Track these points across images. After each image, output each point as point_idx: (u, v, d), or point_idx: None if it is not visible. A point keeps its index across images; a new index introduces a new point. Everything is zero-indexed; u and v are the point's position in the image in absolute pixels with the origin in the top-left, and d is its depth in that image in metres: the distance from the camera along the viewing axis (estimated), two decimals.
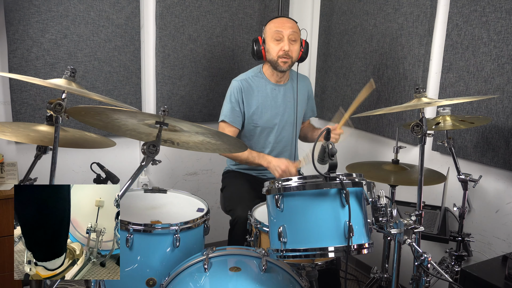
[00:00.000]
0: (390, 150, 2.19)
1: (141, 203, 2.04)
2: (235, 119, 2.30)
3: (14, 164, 2.38)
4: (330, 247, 1.36)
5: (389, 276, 2.06)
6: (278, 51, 2.22)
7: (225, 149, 1.73)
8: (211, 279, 1.55)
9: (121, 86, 2.69)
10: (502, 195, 2.11)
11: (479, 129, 2.13)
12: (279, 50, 2.22)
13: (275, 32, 2.22)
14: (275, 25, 2.25)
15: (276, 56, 2.23)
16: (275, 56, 2.24)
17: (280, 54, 2.22)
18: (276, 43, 2.23)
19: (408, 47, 2.44)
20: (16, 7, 2.33)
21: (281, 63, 2.24)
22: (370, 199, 1.45)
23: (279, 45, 2.22)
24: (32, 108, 2.44)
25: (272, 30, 2.23)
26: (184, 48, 2.81)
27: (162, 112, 1.35)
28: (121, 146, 2.73)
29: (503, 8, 1.99)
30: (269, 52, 2.26)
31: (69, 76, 1.47)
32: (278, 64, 2.25)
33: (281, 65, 2.25)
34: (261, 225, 1.85)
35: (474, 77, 2.14)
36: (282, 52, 2.22)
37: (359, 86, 2.81)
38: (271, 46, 2.24)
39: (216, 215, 2.59)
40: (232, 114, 2.30)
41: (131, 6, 2.63)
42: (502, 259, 1.75)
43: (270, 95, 2.34)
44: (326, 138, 1.54)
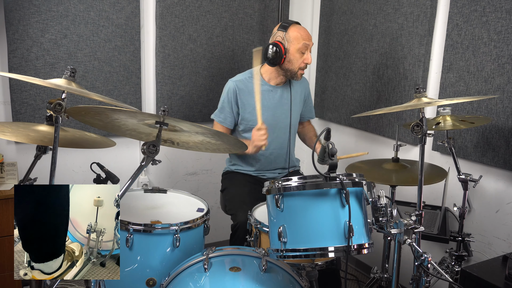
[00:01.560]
0: (390, 150, 2.19)
1: (141, 203, 2.04)
2: (225, 119, 2.33)
3: (14, 164, 2.38)
4: (330, 247, 1.36)
5: (389, 276, 2.06)
6: (300, 63, 2.23)
7: (225, 149, 1.73)
8: (211, 279, 1.55)
9: (121, 86, 2.69)
10: (502, 195, 2.11)
11: (479, 129, 2.13)
12: (302, 62, 2.23)
13: (303, 45, 2.20)
14: (301, 36, 2.20)
15: (297, 68, 2.24)
16: (296, 68, 2.24)
17: (302, 66, 2.24)
18: (301, 55, 2.22)
19: (408, 47, 2.44)
20: (16, 7, 2.33)
21: (299, 75, 2.27)
22: (370, 199, 1.45)
23: (302, 57, 2.22)
24: (32, 108, 2.44)
25: (300, 41, 2.19)
26: (184, 48, 2.81)
27: (162, 112, 1.36)
28: (121, 146, 2.73)
29: (503, 8, 1.99)
30: (291, 62, 2.23)
31: (69, 76, 1.47)
32: (296, 75, 2.27)
33: (299, 77, 2.28)
34: (261, 225, 1.85)
35: (474, 77, 2.14)
36: (304, 65, 2.24)
37: (359, 86, 2.81)
38: (295, 57, 2.21)
39: (216, 215, 2.59)
40: (222, 114, 2.34)
41: (131, 6, 2.63)
42: (502, 259, 1.75)
43: (266, 97, 2.33)
44: (326, 138, 1.54)
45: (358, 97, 2.83)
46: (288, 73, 2.27)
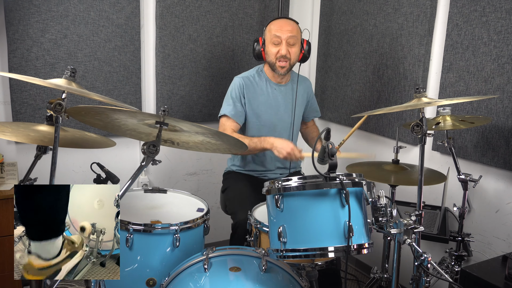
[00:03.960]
0: (390, 150, 2.19)
1: (141, 203, 2.04)
2: (237, 114, 2.30)
3: (14, 164, 2.38)
4: (330, 247, 1.36)
5: (389, 276, 2.06)
6: (275, 54, 2.26)
7: (225, 149, 1.73)
8: (211, 279, 1.55)
9: (121, 86, 2.69)
10: (502, 195, 2.11)
11: (479, 129, 2.13)
12: (277, 53, 2.25)
13: (274, 36, 2.24)
14: (274, 28, 2.26)
15: (274, 59, 2.27)
16: (273, 59, 2.28)
17: (277, 57, 2.26)
18: (274, 47, 2.26)
19: (408, 47, 2.44)
20: (16, 7, 2.33)
21: (278, 67, 2.28)
22: (370, 199, 1.45)
23: (276, 49, 2.25)
24: (32, 108, 2.44)
25: (271, 33, 2.25)
26: (184, 48, 2.81)
27: (162, 112, 1.35)
28: (121, 146, 2.73)
29: (503, 8, 1.99)
30: (268, 55, 2.29)
31: (69, 76, 1.47)
32: (276, 67, 2.29)
33: (279, 69, 2.29)
34: (261, 225, 1.85)
35: (474, 77, 2.14)
36: (280, 56, 2.25)
37: (359, 86, 2.81)
38: (269, 49, 2.27)
39: (216, 215, 2.59)
40: (234, 109, 2.30)
41: (131, 6, 2.63)
42: (502, 259, 1.75)
43: (270, 95, 2.35)
44: (326, 138, 1.54)
45: (358, 97, 2.83)
46: (271, 67, 2.31)
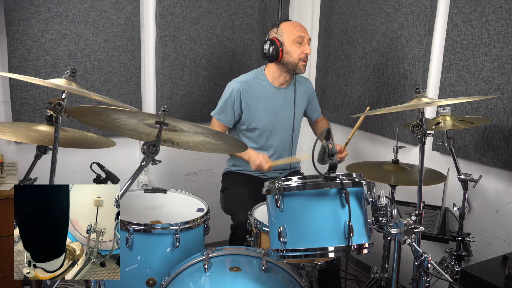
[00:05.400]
0: (390, 150, 2.19)
1: (141, 203, 2.04)
2: (225, 119, 2.34)
3: (14, 164, 2.38)
4: (330, 247, 1.36)
5: (389, 276, 2.06)
6: (299, 54, 2.25)
7: (225, 149, 1.73)
8: (211, 279, 1.55)
9: (121, 86, 2.69)
10: (502, 195, 2.11)
11: (479, 129, 2.13)
12: (301, 53, 2.25)
13: (298, 36, 2.24)
14: (296, 29, 2.26)
15: (298, 59, 2.26)
16: (296, 59, 2.26)
17: (302, 57, 2.26)
18: (298, 46, 2.25)
19: (408, 47, 2.44)
20: (16, 7, 2.33)
21: (301, 66, 2.29)
22: (370, 199, 1.45)
23: (300, 48, 2.25)
24: (32, 108, 2.44)
25: (295, 34, 2.24)
26: (184, 48, 2.81)
27: (162, 112, 1.35)
28: (121, 146, 2.73)
29: (503, 8, 1.99)
30: (289, 55, 2.26)
31: (69, 76, 1.47)
32: (298, 67, 2.29)
33: (301, 68, 2.30)
34: (261, 225, 1.85)
35: (474, 77, 2.14)
36: (304, 55, 2.26)
37: (359, 86, 2.81)
38: (292, 49, 2.25)
39: (216, 215, 2.59)
40: (221, 112, 2.34)
41: (131, 6, 2.63)
42: (502, 259, 1.75)
43: (270, 98, 2.35)
44: (326, 138, 1.54)
45: (358, 97, 2.83)
46: (290, 67, 2.29)
